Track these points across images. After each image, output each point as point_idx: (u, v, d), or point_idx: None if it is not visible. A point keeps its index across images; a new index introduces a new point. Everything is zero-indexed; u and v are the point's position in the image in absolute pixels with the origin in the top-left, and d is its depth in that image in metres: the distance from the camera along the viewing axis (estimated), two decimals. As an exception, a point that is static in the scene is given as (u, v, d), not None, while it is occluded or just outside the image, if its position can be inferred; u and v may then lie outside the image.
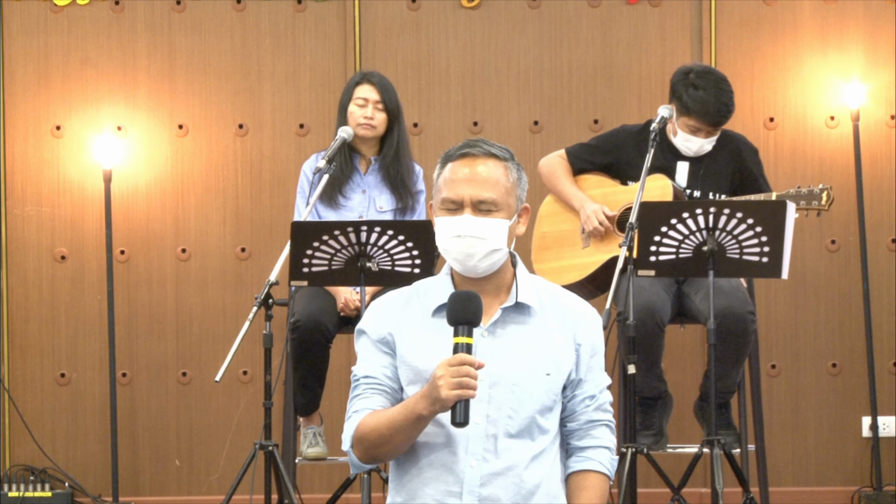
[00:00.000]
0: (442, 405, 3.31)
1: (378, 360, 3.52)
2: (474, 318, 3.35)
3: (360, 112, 6.00)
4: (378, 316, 3.55)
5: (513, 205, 3.51)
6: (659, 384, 5.84)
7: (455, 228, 3.47)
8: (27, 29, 6.93)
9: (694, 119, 5.79)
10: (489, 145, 3.54)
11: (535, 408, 3.48)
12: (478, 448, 3.44)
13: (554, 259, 6.01)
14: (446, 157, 3.56)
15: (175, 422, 6.93)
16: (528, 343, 3.51)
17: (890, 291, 6.87)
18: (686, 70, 5.86)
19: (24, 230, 6.93)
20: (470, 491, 3.44)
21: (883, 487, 6.79)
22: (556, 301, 3.58)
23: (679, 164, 5.90)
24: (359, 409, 3.49)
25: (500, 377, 3.46)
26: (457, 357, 3.31)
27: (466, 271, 3.50)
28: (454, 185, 3.50)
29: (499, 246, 3.48)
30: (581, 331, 3.56)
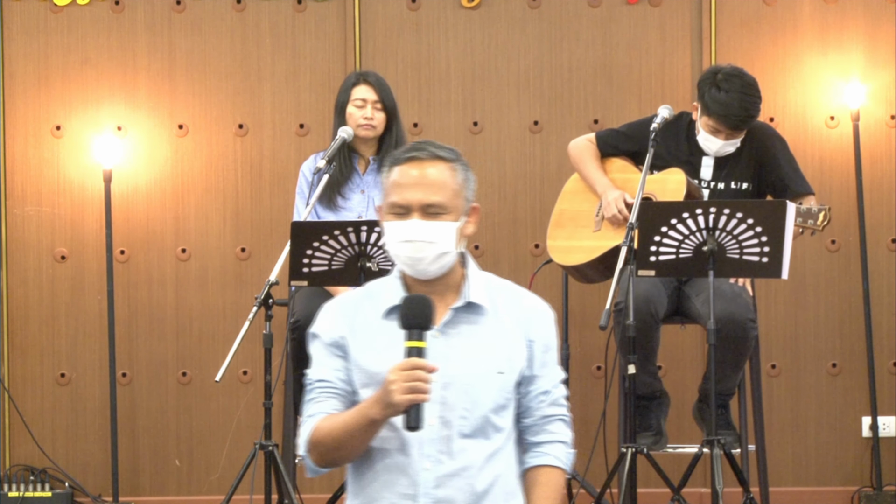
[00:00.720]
0: (395, 410, 3.32)
1: (331, 364, 3.53)
2: (426, 322, 3.36)
3: (360, 113, 6.00)
4: (330, 319, 3.56)
5: (461, 206, 3.52)
6: (654, 382, 5.83)
7: (404, 233, 3.48)
8: (27, 29, 6.93)
9: (713, 120, 5.78)
10: (436, 147, 3.52)
11: (488, 407, 3.49)
12: (432, 450, 3.46)
13: (565, 238, 6.01)
14: (393, 161, 3.53)
15: (175, 422, 6.93)
16: (479, 342, 3.52)
17: (890, 291, 6.87)
18: (715, 70, 5.85)
19: (24, 230, 6.93)
20: (425, 493, 3.45)
21: (883, 487, 6.79)
22: (509, 298, 3.60)
23: (704, 158, 5.90)
24: (313, 414, 3.50)
25: (452, 378, 3.47)
26: (409, 361, 3.31)
27: (417, 274, 3.51)
28: (401, 190, 3.49)
29: (447, 249, 3.49)
30: (534, 327, 3.58)
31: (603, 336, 5.92)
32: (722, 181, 5.88)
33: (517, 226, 6.89)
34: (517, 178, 6.93)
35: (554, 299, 6.68)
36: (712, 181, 5.89)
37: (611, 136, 6.06)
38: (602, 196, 5.92)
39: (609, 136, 6.07)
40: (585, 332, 6.78)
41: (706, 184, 5.88)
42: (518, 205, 6.91)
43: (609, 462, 5.88)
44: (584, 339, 6.80)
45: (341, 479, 6.01)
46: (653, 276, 5.46)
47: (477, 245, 6.92)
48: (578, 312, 6.73)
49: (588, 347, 6.81)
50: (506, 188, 6.93)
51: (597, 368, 6.83)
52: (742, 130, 5.82)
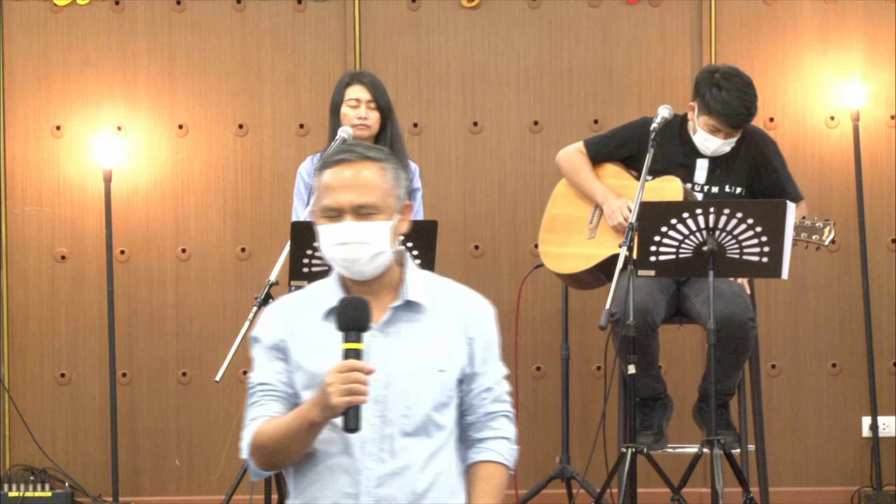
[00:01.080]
0: (333, 412, 3.33)
1: (272, 367, 3.55)
2: (362, 324, 3.37)
3: (354, 113, 6.00)
4: (270, 322, 3.58)
5: (393, 205, 3.53)
6: (657, 385, 5.84)
7: (337, 236, 3.48)
8: (27, 29, 6.93)
9: (714, 119, 5.77)
10: (365, 149, 3.54)
11: (430, 405, 3.51)
12: (374, 449, 3.47)
13: (559, 244, 5.99)
14: (322, 164, 3.54)
15: (175, 422, 6.93)
16: (420, 341, 3.53)
17: (890, 291, 6.87)
18: (712, 69, 5.84)
19: (24, 230, 6.93)
20: (366, 492, 3.46)
21: (883, 487, 6.79)
22: (448, 295, 3.61)
23: (699, 161, 5.89)
24: (255, 417, 3.52)
25: (393, 377, 3.48)
26: (346, 363, 3.32)
27: (353, 275, 3.52)
28: (332, 192, 3.49)
29: (382, 249, 3.50)
30: (473, 324, 3.59)
31: (603, 336, 5.92)
32: (716, 185, 5.87)
33: (517, 226, 6.89)
34: (517, 178, 6.93)
35: (554, 300, 6.69)
36: (706, 185, 5.88)
37: (603, 143, 6.01)
38: (604, 204, 5.89)
39: (601, 143, 6.02)
40: (585, 332, 6.78)
41: (699, 187, 5.87)
42: (518, 205, 6.91)
43: (609, 462, 5.88)
44: (584, 339, 6.80)
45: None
46: (653, 275, 5.46)
47: (477, 245, 6.92)
48: (578, 312, 6.73)
49: (588, 347, 6.81)
50: (506, 188, 6.93)
51: (597, 368, 6.83)
52: (741, 129, 5.81)
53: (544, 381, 6.89)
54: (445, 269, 6.71)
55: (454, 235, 6.88)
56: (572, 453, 6.48)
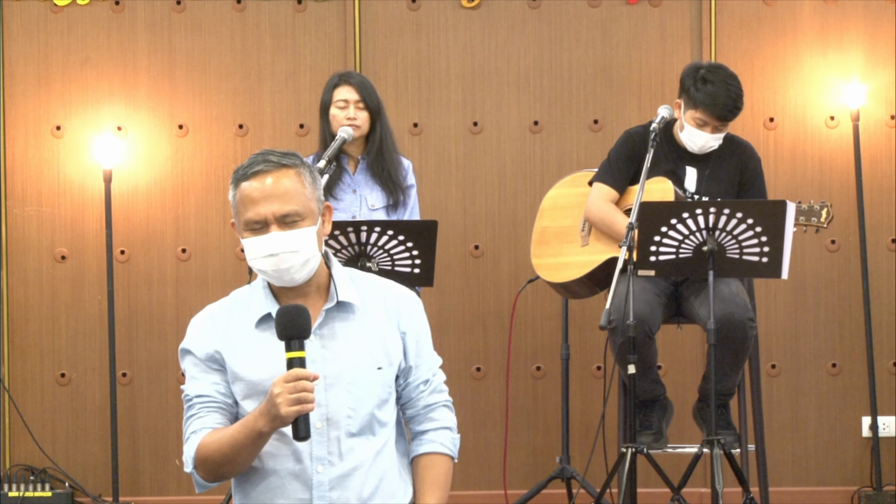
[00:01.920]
0: (282, 422, 3.32)
1: (208, 378, 3.53)
2: (304, 332, 3.36)
3: (343, 114, 6.00)
4: (201, 334, 3.57)
5: (315, 209, 3.52)
6: (656, 387, 5.83)
7: (266, 247, 3.46)
8: (27, 29, 6.93)
9: (701, 112, 5.76)
10: (278, 156, 3.52)
11: (373, 403, 3.52)
12: (322, 452, 3.48)
13: (552, 255, 6.00)
14: (238, 177, 3.51)
15: (175, 422, 6.92)
16: (355, 340, 3.53)
17: (890, 291, 6.87)
18: (697, 65, 5.84)
19: (24, 230, 6.93)
20: (319, 496, 3.48)
21: (883, 487, 6.79)
22: (376, 292, 3.61)
23: (688, 168, 5.88)
24: (196, 430, 3.51)
25: (334, 379, 3.49)
26: (292, 373, 3.31)
27: (285, 283, 3.51)
28: (254, 205, 3.47)
29: (311, 254, 3.49)
30: (404, 318, 3.60)
31: (603, 336, 5.92)
32: (706, 193, 5.86)
33: (517, 226, 6.89)
34: (517, 178, 6.93)
35: (554, 299, 6.69)
36: (696, 193, 5.87)
37: (612, 171, 5.90)
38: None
39: (611, 172, 5.90)
40: (585, 332, 6.78)
41: (690, 195, 5.86)
42: (518, 205, 6.91)
43: (609, 462, 5.88)
44: (584, 339, 6.80)
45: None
46: (653, 275, 5.46)
47: (477, 245, 6.92)
48: (578, 312, 6.73)
49: (588, 347, 6.81)
50: (506, 188, 6.93)
51: (597, 368, 6.83)
52: (728, 122, 5.80)
53: (544, 382, 6.89)
54: (445, 269, 6.72)
55: (454, 235, 6.88)
56: (572, 453, 6.49)
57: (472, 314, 6.91)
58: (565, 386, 6.45)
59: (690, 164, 5.88)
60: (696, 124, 5.79)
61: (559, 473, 6.33)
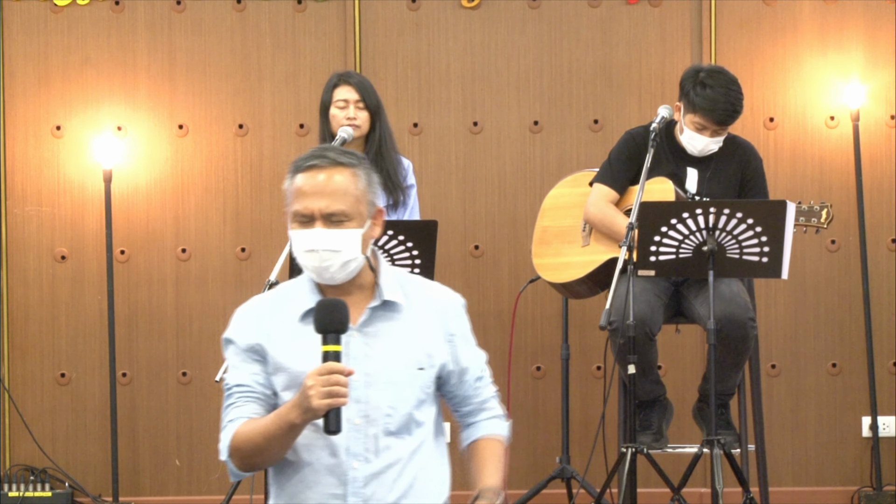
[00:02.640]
0: (314, 414, 3.33)
1: (249, 369, 3.54)
2: (341, 326, 3.37)
3: (342, 114, 6.00)
4: (245, 324, 3.57)
5: (364, 211, 3.52)
6: (656, 388, 5.83)
7: (308, 242, 3.48)
8: (27, 29, 6.93)
9: (700, 116, 5.75)
10: (337, 154, 3.52)
11: (411, 403, 3.53)
12: (358, 448, 3.48)
13: (553, 255, 6.00)
14: (294, 168, 3.53)
15: (175, 422, 6.93)
16: (398, 340, 3.55)
17: (890, 291, 6.87)
18: (697, 68, 5.83)
19: (24, 230, 6.93)
20: (354, 492, 3.48)
21: (883, 487, 6.79)
22: (421, 293, 3.62)
23: (689, 169, 5.87)
24: (233, 419, 3.51)
25: (374, 376, 3.50)
26: (326, 366, 3.32)
27: (325, 281, 3.53)
28: (304, 198, 3.49)
29: (353, 256, 3.50)
30: (451, 320, 3.63)
31: (603, 336, 5.92)
32: (706, 194, 5.85)
33: (517, 226, 6.89)
34: (517, 178, 6.93)
35: (554, 299, 6.69)
36: (697, 195, 5.86)
37: (612, 171, 5.89)
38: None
39: (611, 172, 5.89)
40: (585, 332, 6.78)
41: (691, 196, 5.85)
42: (518, 205, 6.90)
43: (609, 462, 5.88)
44: (584, 339, 6.80)
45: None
46: (653, 275, 5.46)
47: (477, 245, 6.92)
48: (578, 312, 6.73)
49: (588, 347, 6.81)
50: (506, 188, 6.93)
51: (597, 368, 6.83)
52: (727, 126, 5.80)
53: (544, 381, 6.88)
54: (445, 269, 6.72)
55: (454, 235, 6.88)
56: (572, 453, 6.48)
57: (471, 314, 6.80)
58: (565, 386, 6.45)
59: (691, 166, 5.88)
60: (695, 128, 5.78)
61: (559, 473, 6.33)
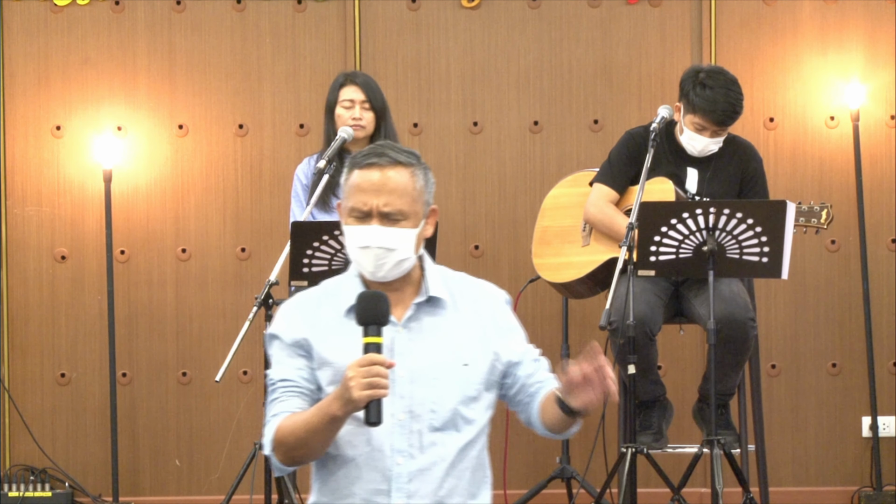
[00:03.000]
0: (354, 406, 3.33)
1: (293, 363, 3.54)
2: (382, 318, 3.38)
3: (348, 114, 6.00)
4: (290, 320, 3.58)
5: (420, 211, 3.53)
6: (655, 388, 5.84)
7: (362, 239, 3.50)
8: (27, 29, 6.93)
9: (700, 117, 5.76)
10: (396, 152, 3.52)
11: (457, 399, 3.52)
12: (403, 444, 3.48)
13: (553, 255, 6.00)
14: (353, 163, 3.54)
15: (175, 422, 6.93)
16: (443, 335, 3.55)
17: (890, 291, 6.87)
18: (697, 69, 5.83)
19: (24, 230, 6.93)
20: (398, 488, 3.47)
21: (883, 487, 6.79)
22: (467, 290, 3.63)
23: (689, 169, 5.87)
24: (277, 413, 3.51)
25: (419, 372, 3.50)
26: (366, 357, 3.33)
27: (377, 279, 3.53)
28: (361, 194, 3.49)
29: (407, 255, 3.51)
30: (498, 316, 3.63)
31: (603, 336, 5.92)
32: (706, 193, 5.85)
33: (517, 226, 6.89)
34: (517, 178, 6.93)
35: (554, 299, 6.69)
36: (697, 194, 5.86)
37: (613, 172, 5.90)
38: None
39: (612, 173, 5.90)
40: (585, 332, 6.77)
41: (691, 196, 5.85)
42: (518, 205, 6.91)
43: (609, 462, 5.88)
44: (585, 339, 6.79)
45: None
46: (653, 275, 5.46)
47: (477, 245, 6.92)
48: (578, 312, 6.73)
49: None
50: (506, 188, 6.93)
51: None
52: (727, 127, 5.80)
53: (544, 381, 6.88)
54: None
55: (454, 235, 6.88)
56: (572, 453, 6.48)
57: (472, 314, 6.89)
58: (565, 386, 6.44)
59: (691, 166, 5.88)
60: (694, 129, 5.79)
61: (559, 473, 6.33)
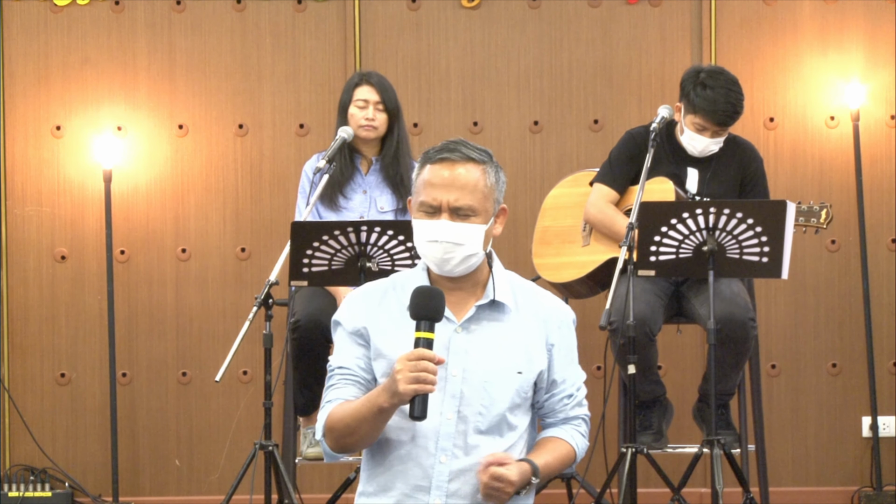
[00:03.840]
0: (400, 398, 3.36)
1: (352, 352, 3.57)
2: (436, 314, 3.40)
3: (361, 114, 6.00)
4: (354, 308, 3.60)
5: (490, 208, 3.56)
6: (656, 388, 5.84)
7: (431, 233, 3.51)
8: (27, 29, 6.93)
9: (700, 117, 5.76)
10: (468, 149, 3.57)
11: (505, 405, 3.53)
12: (447, 444, 3.49)
13: (553, 255, 6.00)
14: (426, 159, 3.58)
15: (175, 422, 6.93)
16: (501, 341, 3.55)
17: (890, 291, 6.87)
18: (697, 69, 5.84)
19: (24, 230, 6.93)
20: (438, 486, 3.49)
21: (883, 487, 6.79)
22: (531, 299, 3.64)
23: (689, 169, 5.88)
24: (332, 399, 3.55)
25: (472, 374, 3.51)
26: (415, 352, 3.35)
27: (443, 273, 3.55)
28: (432, 190, 3.53)
29: (475, 251, 3.53)
30: (554, 331, 3.64)
31: (603, 336, 5.92)
32: (707, 193, 5.85)
33: (517, 226, 6.89)
34: (517, 178, 6.93)
35: (554, 299, 6.68)
36: (698, 194, 5.87)
37: (613, 171, 5.91)
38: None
39: (612, 172, 5.91)
40: (585, 332, 6.73)
41: (692, 196, 5.86)
42: (518, 205, 6.90)
43: (609, 462, 5.88)
44: (584, 339, 6.72)
45: (341, 478, 6.02)
46: (653, 275, 5.46)
47: (477, 245, 6.91)
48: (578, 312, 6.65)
49: (588, 347, 6.78)
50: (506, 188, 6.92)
51: (597, 368, 6.82)
52: (727, 127, 5.80)
53: (544, 381, 6.88)
54: (445, 269, 6.71)
55: (454, 235, 6.87)
56: (572, 453, 6.48)
57: (472, 314, 6.89)
58: (565, 386, 6.44)
59: (692, 166, 5.88)
60: (695, 129, 5.79)
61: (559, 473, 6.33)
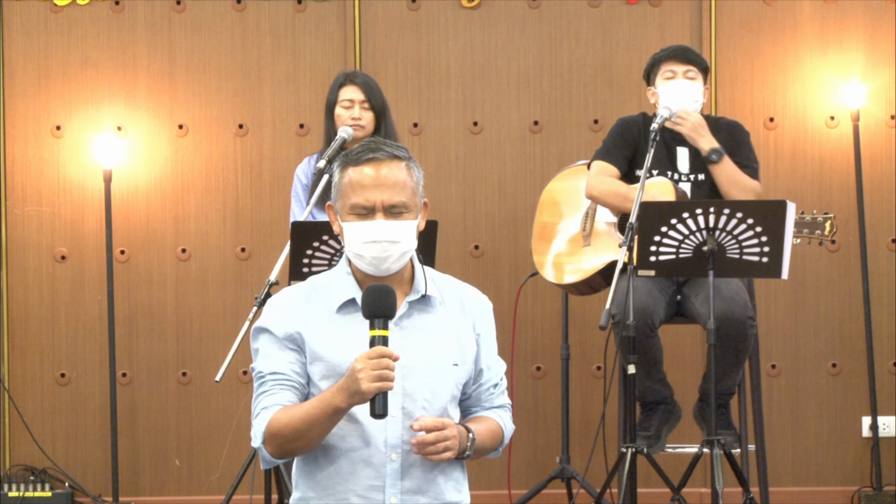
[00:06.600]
0: (361, 398, 3.37)
1: (284, 357, 3.57)
2: (390, 312, 3.42)
3: (348, 114, 6.01)
4: (281, 313, 3.60)
5: (418, 204, 3.59)
6: (661, 388, 5.82)
7: (369, 234, 3.53)
8: (27, 29, 6.93)
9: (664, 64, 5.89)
10: (391, 147, 3.57)
11: (447, 398, 3.58)
12: (397, 441, 3.51)
13: (554, 255, 6.00)
14: (347, 161, 3.58)
15: (175, 422, 6.93)
16: (435, 335, 3.59)
17: (890, 291, 6.87)
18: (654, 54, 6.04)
19: (24, 230, 6.93)
20: (392, 484, 3.51)
21: (883, 487, 6.79)
22: (453, 291, 3.69)
23: (679, 149, 5.91)
24: (268, 406, 3.54)
25: (412, 369, 3.53)
26: (375, 350, 3.36)
27: (380, 273, 3.56)
28: (363, 191, 3.54)
29: (410, 247, 3.57)
30: (479, 320, 3.68)
31: (603, 336, 5.92)
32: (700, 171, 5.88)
33: (517, 226, 6.89)
34: (517, 178, 6.93)
35: (554, 299, 6.69)
36: (691, 173, 5.89)
37: (610, 149, 5.95)
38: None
39: (609, 148, 5.96)
40: (585, 332, 6.78)
41: (685, 177, 5.88)
42: (518, 205, 6.91)
43: (609, 462, 5.88)
44: (584, 339, 6.80)
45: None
46: (653, 275, 5.46)
47: (477, 245, 6.92)
48: (578, 312, 6.73)
49: (588, 347, 6.81)
50: (506, 188, 6.93)
51: (597, 368, 6.83)
52: (693, 64, 5.88)
53: (544, 381, 6.89)
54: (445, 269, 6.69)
55: (454, 235, 6.88)
56: (572, 453, 6.49)
57: (472, 314, 6.89)
58: (565, 386, 6.45)
59: (681, 145, 5.91)
60: (665, 78, 5.88)
61: (559, 473, 6.33)
